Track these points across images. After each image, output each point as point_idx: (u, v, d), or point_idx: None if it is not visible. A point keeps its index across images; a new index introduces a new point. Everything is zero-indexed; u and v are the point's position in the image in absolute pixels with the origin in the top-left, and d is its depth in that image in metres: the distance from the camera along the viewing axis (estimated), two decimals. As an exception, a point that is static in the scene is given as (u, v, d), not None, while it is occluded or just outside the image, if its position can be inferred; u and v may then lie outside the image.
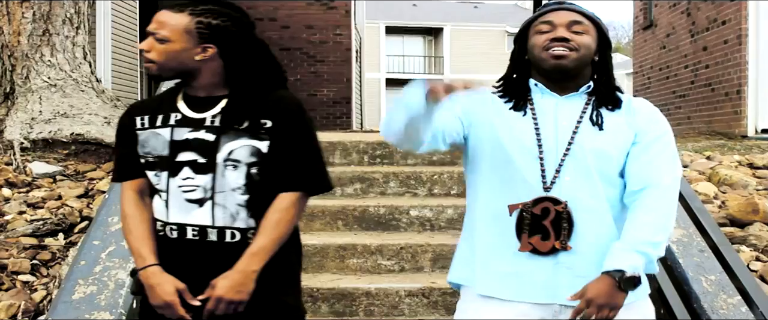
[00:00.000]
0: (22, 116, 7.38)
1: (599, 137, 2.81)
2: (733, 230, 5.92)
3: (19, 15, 7.78)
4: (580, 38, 2.84)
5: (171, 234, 2.87)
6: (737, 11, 12.92)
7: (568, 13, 2.89)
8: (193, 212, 2.85)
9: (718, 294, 4.54)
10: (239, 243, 2.85)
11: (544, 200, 2.79)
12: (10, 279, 4.96)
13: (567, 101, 2.89)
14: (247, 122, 2.86)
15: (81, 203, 5.97)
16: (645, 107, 2.95)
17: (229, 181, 2.84)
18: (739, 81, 12.89)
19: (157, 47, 2.85)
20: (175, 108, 2.93)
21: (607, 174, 2.82)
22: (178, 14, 2.87)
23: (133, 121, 2.97)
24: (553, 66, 2.83)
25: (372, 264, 5.43)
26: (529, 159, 2.82)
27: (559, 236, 2.76)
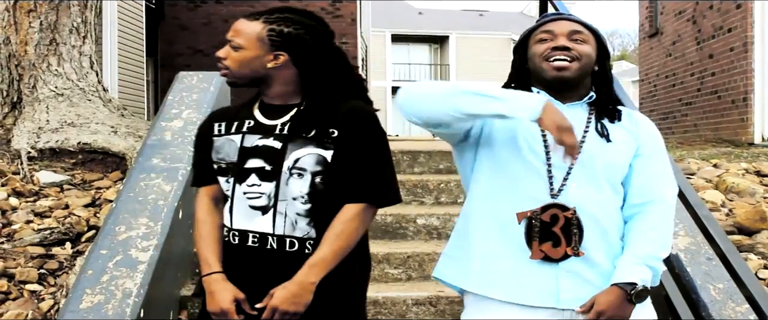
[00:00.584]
0: (30, 125, 7.39)
1: (608, 149, 2.83)
2: (741, 238, 5.91)
3: (26, 25, 7.80)
4: (580, 47, 2.85)
5: (233, 240, 2.90)
6: (743, 18, 12.92)
7: (568, 22, 2.90)
8: (255, 220, 2.87)
9: (727, 303, 4.53)
10: (297, 253, 2.86)
11: (552, 207, 2.79)
12: (18, 288, 4.96)
13: (570, 109, 2.89)
14: (314, 131, 2.88)
15: (88, 213, 5.98)
16: (644, 120, 2.99)
17: (292, 189, 2.85)
18: (745, 88, 12.89)
19: (232, 55, 2.90)
20: (250, 115, 2.98)
21: (614, 184, 2.85)
22: (252, 22, 2.93)
23: (211, 127, 3.04)
24: (555, 77, 2.84)
25: (379, 273, 5.42)
26: (537, 166, 2.82)
27: (570, 243, 2.76)
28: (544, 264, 2.80)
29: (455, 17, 57.53)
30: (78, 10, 8.04)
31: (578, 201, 2.79)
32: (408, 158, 7.13)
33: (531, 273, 2.81)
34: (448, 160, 7.11)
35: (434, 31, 54.62)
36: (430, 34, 54.81)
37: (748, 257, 5.61)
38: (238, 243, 2.89)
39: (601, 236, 2.81)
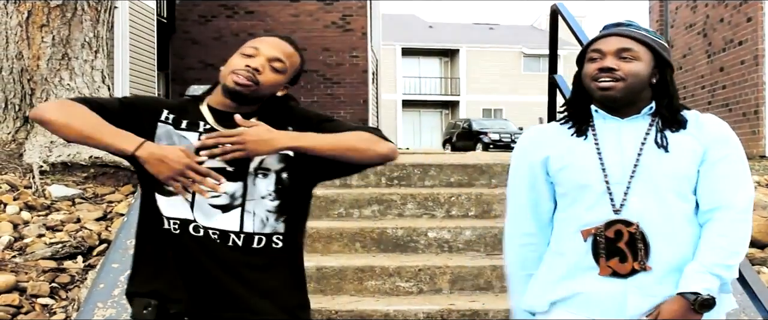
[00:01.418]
0: (42, 139, 7.42)
1: (667, 159, 2.80)
2: (754, 251, 5.89)
3: (39, 39, 7.83)
4: (628, 66, 2.81)
5: (196, 232, 2.87)
6: (754, 31, 12.91)
7: (618, 39, 2.87)
8: (216, 217, 2.87)
9: (739, 316, 4.52)
10: (264, 248, 2.90)
11: (616, 223, 2.78)
12: (30, 302, 4.97)
13: (630, 123, 2.87)
14: None
15: (100, 226, 5.99)
16: (713, 123, 2.93)
17: (260, 189, 2.89)
18: (756, 101, 12.86)
19: (268, 74, 2.90)
20: (200, 116, 2.97)
21: (682, 193, 2.81)
22: (295, 51, 3.01)
23: (158, 110, 2.98)
24: (601, 97, 2.84)
25: (390, 286, 5.42)
26: (596, 184, 2.82)
27: (636, 258, 2.76)
28: (612, 281, 2.78)
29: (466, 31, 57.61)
30: (90, 24, 8.08)
31: (641, 215, 2.77)
32: (419, 171, 7.13)
33: (599, 291, 2.80)
34: (458, 173, 7.11)
35: (445, 45, 54.72)
36: (440, 48, 54.93)
37: (760, 270, 5.59)
38: (202, 235, 2.87)
39: (668, 248, 2.78)
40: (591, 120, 2.93)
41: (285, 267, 2.96)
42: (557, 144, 2.95)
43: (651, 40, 2.90)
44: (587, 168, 2.85)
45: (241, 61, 2.90)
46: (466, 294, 5.41)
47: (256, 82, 2.88)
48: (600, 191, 2.81)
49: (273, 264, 2.93)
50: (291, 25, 19.59)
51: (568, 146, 2.92)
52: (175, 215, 2.89)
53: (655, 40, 2.91)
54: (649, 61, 2.87)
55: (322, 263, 5.47)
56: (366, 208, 6.57)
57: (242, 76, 2.86)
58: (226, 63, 2.97)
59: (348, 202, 6.53)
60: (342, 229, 6.01)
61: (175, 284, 2.89)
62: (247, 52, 2.92)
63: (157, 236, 2.92)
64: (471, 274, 5.47)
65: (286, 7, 20.09)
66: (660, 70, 2.90)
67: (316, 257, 5.72)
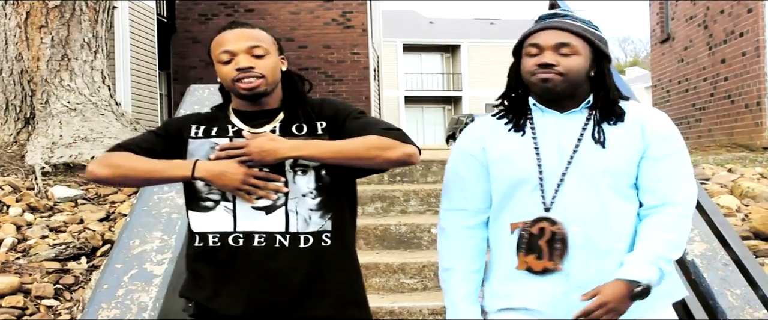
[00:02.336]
0: (43, 140, 7.42)
1: (604, 155, 2.78)
2: (757, 243, 5.88)
3: (38, 40, 7.84)
4: (567, 61, 2.79)
5: (235, 243, 2.87)
6: (755, 23, 12.89)
7: (555, 33, 2.83)
8: (259, 219, 2.87)
9: (744, 308, 4.51)
10: (312, 248, 2.88)
11: (542, 220, 2.77)
12: (34, 303, 4.97)
13: (568, 117, 2.85)
14: (305, 127, 2.94)
15: (103, 227, 5.99)
16: (656, 118, 2.89)
17: (300, 186, 2.87)
18: (758, 93, 12.85)
19: (259, 63, 2.91)
20: (229, 122, 2.98)
21: (618, 189, 2.79)
22: (255, 30, 3.00)
23: (188, 127, 3.00)
24: (542, 89, 2.80)
25: (395, 283, 5.42)
26: (530, 179, 2.81)
27: (551, 257, 2.75)
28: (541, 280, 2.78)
29: (467, 26, 57.57)
30: (89, 25, 8.08)
31: (574, 214, 2.76)
32: (421, 167, 7.13)
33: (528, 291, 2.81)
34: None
35: (446, 40, 54.68)
36: (441, 43, 54.88)
37: (764, 262, 5.58)
38: (241, 244, 2.87)
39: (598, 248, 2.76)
40: (528, 114, 2.91)
41: (336, 266, 2.93)
42: (495, 137, 2.93)
43: (589, 33, 2.86)
44: (525, 162, 2.82)
45: (228, 69, 2.91)
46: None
47: (259, 75, 2.89)
48: (532, 184, 2.80)
49: (322, 263, 2.90)
50: (291, 23, 19.59)
51: (507, 140, 2.89)
52: (214, 229, 2.90)
53: (593, 33, 2.88)
54: (588, 54, 2.84)
55: (325, 260, 5.47)
56: (369, 205, 6.57)
57: (247, 81, 2.88)
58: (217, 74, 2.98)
59: (351, 199, 6.52)
60: (345, 226, 6.00)
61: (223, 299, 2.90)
62: (223, 58, 2.92)
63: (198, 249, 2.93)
64: (475, 270, 5.46)
65: (285, 5, 20.08)
66: (597, 62, 2.87)
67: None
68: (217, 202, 2.90)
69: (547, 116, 2.87)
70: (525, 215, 2.81)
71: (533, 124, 2.88)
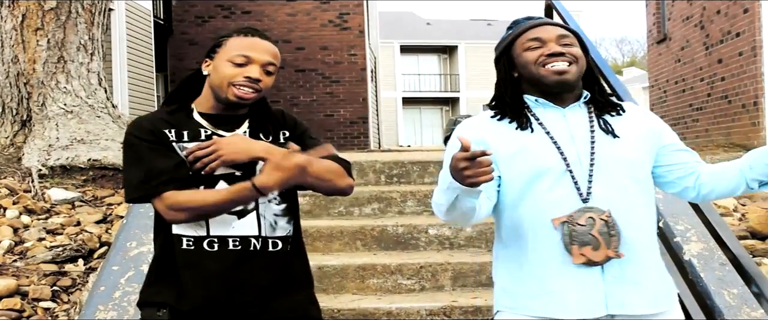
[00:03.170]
0: (40, 142, 7.42)
1: (619, 145, 2.81)
2: (755, 242, 5.88)
3: (34, 43, 7.83)
4: (573, 50, 2.83)
5: (210, 247, 2.87)
6: (751, 23, 12.90)
7: (552, 27, 2.89)
8: (233, 224, 2.88)
9: (742, 307, 4.51)
10: (280, 252, 2.93)
11: (587, 211, 2.76)
12: (32, 306, 4.97)
13: (572, 111, 2.87)
14: (271, 135, 2.98)
15: (100, 229, 5.98)
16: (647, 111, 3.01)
17: None
18: (755, 92, 12.86)
19: (265, 79, 2.92)
20: (198, 124, 2.96)
21: (637, 179, 2.82)
22: (275, 46, 3.00)
23: (161, 134, 2.93)
24: (556, 82, 2.81)
25: (392, 284, 5.42)
26: (559, 174, 2.79)
27: (609, 245, 2.74)
28: (590, 272, 2.76)
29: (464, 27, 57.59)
30: (85, 27, 8.07)
31: (608, 203, 2.76)
32: (418, 168, 7.13)
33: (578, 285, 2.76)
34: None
35: (443, 42, 54.71)
36: (438, 45, 54.91)
37: (761, 261, 5.59)
38: (217, 249, 2.87)
39: (634, 235, 2.77)
40: (529, 111, 2.90)
41: (298, 269, 3.03)
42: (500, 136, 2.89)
43: (575, 28, 2.96)
44: (545, 155, 2.80)
45: (235, 71, 2.88)
46: (468, 290, 5.40)
47: (259, 90, 2.90)
48: (562, 177, 2.78)
49: (286, 266, 2.96)
50: (288, 25, 19.60)
51: (515, 135, 2.87)
52: (188, 233, 2.89)
53: (577, 30, 2.98)
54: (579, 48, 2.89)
55: (323, 262, 5.47)
56: (366, 206, 6.57)
57: (245, 90, 2.87)
58: (214, 69, 2.93)
59: (348, 200, 6.52)
60: (342, 228, 6.00)
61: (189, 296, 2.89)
62: (238, 60, 2.89)
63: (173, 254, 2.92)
64: (472, 270, 5.46)
65: (282, 7, 20.09)
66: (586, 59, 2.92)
67: (318, 256, 5.71)
68: None
69: (549, 111, 2.88)
70: (562, 208, 2.77)
71: (539, 119, 2.88)
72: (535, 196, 2.82)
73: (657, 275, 2.84)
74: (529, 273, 2.85)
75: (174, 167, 2.89)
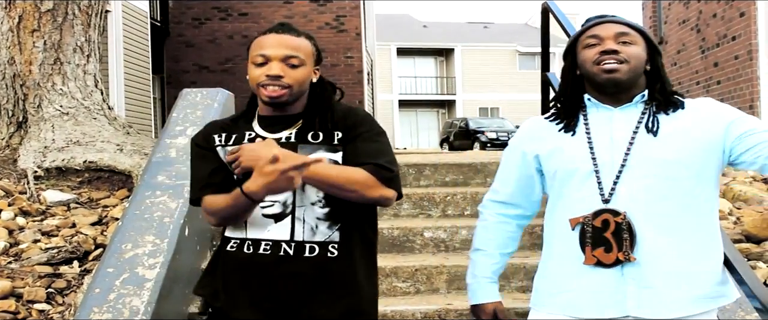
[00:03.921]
0: (36, 144, 7.41)
1: (656, 145, 2.79)
2: (749, 246, 5.89)
3: (30, 44, 7.82)
4: (629, 49, 2.84)
5: (247, 250, 2.90)
6: (747, 27, 12.92)
7: (613, 25, 2.90)
8: (269, 228, 2.89)
9: (736, 311, 4.51)
10: (318, 257, 2.88)
11: (604, 213, 2.77)
12: (26, 308, 4.96)
13: (622, 112, 2.88)
14: (321, 136, 2.93)
15: (95, 231, 5.98)
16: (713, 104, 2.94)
17: (309, 195, 2.89)
18: (751, 96, 12.87)
19: (291, 73, 2.89)
20: (249, 128, 2.99)
21: (675, 178, 2.77)
22: (299, 38, 2.97)
23: (211, 139, 3.02)
24: (606, 80, 2.83)
25: (387, 287, 5.41)
26: (586, 174, 2.82)
27: (621, 248, 2.74)
28: (607, 273, 2.77)
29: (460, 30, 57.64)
30: (81, 29, 8.07)
31: (631, 205, 2.76)
32: (414, 171, 7.13)
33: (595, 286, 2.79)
34: (454, 173, 7.11)
35: (439, 44, 54.74)
36: (435, 47, 54.94)
37: (756, 265, 5.59)
38: (251, 252, 2.89)
39: (660, 238, 2.75)
40: (582, 111, 2.94)
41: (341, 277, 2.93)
42: (547, 136, 2.98)
43: (641, 27, 2.94)
44: (577, 154, 2.85)
45: (259, 72, 2.88)
46: (464, 293, 5.39)
47: (286, 85, 2.87)
48: (588, 178, 2.81)
49: (326, 273, 2.90)
50: (285, 27, 19.60)
51: (558, 136, 2.94)
52: (234, 235, 2.94)
53: (644, 28, 2.96)
54: (644, 46, 2.91)
55: (318, 264, 5.46)
56: (362, 209, 6.56)
57: (270, 89, 2.86)
58: (248, 77, 2.95)
59: (343, 203, 6.52)
60: (338, 230, 6.00)
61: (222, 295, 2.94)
62: (257, 61, 2.89)
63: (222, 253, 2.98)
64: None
65: (279, 9, 20.10)
66: (652, 57, 2.93)
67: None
68: None
69: (600, 111, 2.91)
70: (583, 209, 2.81)
71: (587, 120, 2.91)
72: (565, 196, 2.88)
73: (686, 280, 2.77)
74: (552, 271, 2.94)
75: (210, 174, 2.95)
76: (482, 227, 3.19)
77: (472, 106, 52.27)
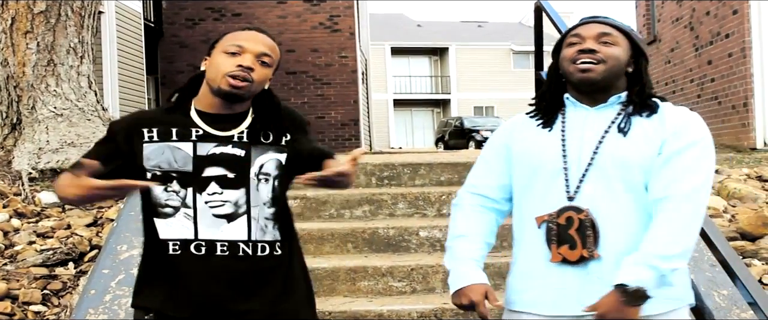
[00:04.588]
0: (30, 146, 7.40)
1: (621, 145, 2.79)
2: (744, 243, 5.89)
3: (24, 46, 7.82)
4: (608, 49, 2.83)
5: (198, 251, 2.86)
6: (740, 24, 12.93)
7: (597, 25, 2.90)
8: (222, 228, 2.86)
9: (731, 309, 4.52)
10: (268, 257, 2.92)
11: (568, 210, 2.78)
12: (22, 309, 4.96)
13: (597, 112, 2.88)
14: (271, 136, 2.95)
15: (90, 232, 5.97)
16: (679, 113, 2.88)
17: (262, 195, 2.90)
18: (745, 94, 12.88)
19: (259, 70, 2.89)
20: (191, 123, 2.93)
21: (630, 182, 2.78)
22: (274, 43, 3.00)
23: (139, 132, 2.92)
24: (580, 79, 2.83)
25: (383, 286, 5.42)
26: (554, 172, 2.83)
27: (585, 245, 2.75)
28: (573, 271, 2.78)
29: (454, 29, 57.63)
30: (74, 30, 8.06)
31: (593, 202, 2.77)
32: (409, 170, 7.13)
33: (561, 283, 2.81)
34: (449, 172, 7.12)
35: (434, 43, 54.72)
36: (429, 46, 54.92)
37: (751, 262, 5.60)
38: (204, 253, 2.86)
39: (620, 237, 2.76)
40: (562, 110, 2.95)
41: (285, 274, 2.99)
42: (524, 131, 2.99)
43: (628, 28, 2.93)
44: (545, 151, 2.86)
45: (229, 61, 2.86)
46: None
47: (251, 80, 2.86)
48: (557, 175, 2.82)
49: (275, 271, 2.95)
50: (278, 27, 19.57)
51: (534, 133, 2.95)
52: (174, 237, 2.87)
53: (632, 30, 2.94)
54: (627, 48, 2.90)
55: (314, 264, 5.46)
56: (357, 208, 6.57)
57: (238, 79, 2.84)
58: (210, 63, 2.93)
59: (339, 203, 6.53)
60: (333, 230, 6.00)
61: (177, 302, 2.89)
62: (231, 50, 2.87)
63: (159, 258, 2.91)
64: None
65: (273, 9, 20.09)
66: (635, 60, 2.91)
67: (308, 258, 5.67)
68: (176, 208, 2.87)
69: (578, 110, 2.91)
70: (548, 206, 2.82)
71: (564, 118, 2.92)
72: (532, 193, 2.89)
73: None
74: (521, 269, 2.94)
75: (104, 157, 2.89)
76: (462, 216, 3.06)
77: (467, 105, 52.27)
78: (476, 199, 3.06)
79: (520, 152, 2.94)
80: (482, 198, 3.05)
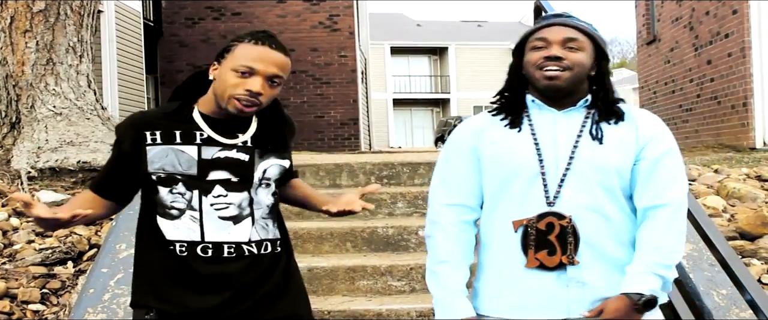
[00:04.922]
0: (29, 145, 7.39)
1: (599, 151, 2.78)
2: (744, 243, 5.89)
3: (23, 45, 7.81)
4: (574, 56, 2.81)
5: (205, 253, 2.86)
6: (740, 24, 12.93)
7: (563, 29, 2.86)
8: (229, 230, 2.88)
9: (731, 308, 4.52)
10: (270, 253, 2.98)
11: (549, 215, 2.77)
12: (21, 308, 4.96)
13: (565, 116, 2.86)
14: (275, 143, 3.01)
15: (89, 231, 5.97)
16: (651, 120, 2.90)
17: (262, 198, 2.95)
18: (744, 93, 12.89)
19: (269, 92, 2.87)
20: (194, 126, 2.92)
21: (609, 188, 2.78)
22: (287, 57, 2.95)
23: (140, 135, 2.90)
24: (547, 86, 2.81)
25: (382, 285, 5.41)
26: (532, 176, 2.80)
27: (565, 251, 2.75)
28: (551, 276, 2.77)
29: (454, 28, 57.61)
30: (74, 29, 8.05)
31: (573, 208, 2.76)
32: (408, 170, 7.13)
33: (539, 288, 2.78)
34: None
35: (433, 43, 54.70)
36: (429, 46, 54.89)
37: (750, 262, 5.59)
38: (211, 255, 2.86)
39: (600, 242, 2.77)
40: (525, 111, 2.92)
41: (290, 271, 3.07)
42: (491, 132, 2.92)
43: (592, 31, 2.90)
44: (521, 156, 2.82)
45: (238, 83, 2.81)
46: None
47: (259, 104, 2.85)
48: (533, 180, 2.80)
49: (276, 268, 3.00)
50: (278, 26, 19.57)
51: (502, 134, 2.89)
52: (181, 238, 2.87)
53: (596, 32, 2.91)
54: (591, 52, 2.87)
55: (313, 263, 5.46)
56: (356, 207, 6.55)
57: (243, 104, 2.82)
58: (219, 75, 2.88)
59: (338, 202, 6.51)
60: (332, 229, 6.00)
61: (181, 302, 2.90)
62: (241, 70, 2.81)
63: (165, 258, 2.90)
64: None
65: (272, 8, 20.08)
66: (598, 63, 2.89)
67: (307, 257, 5.71)
68: (182, 210, 2.87)
69: (544, 113, 2.88)
70: (526, 211, 2.80)
71: (531, 120, 2.89)
72: (507, 197, 2.85)
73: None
74: (492, 274, 2.90)
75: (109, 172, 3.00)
76: (443, 237, 2.94)
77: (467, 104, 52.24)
78: (454, 212, 2.95)
79: (491, 155, 2.88)
80: (460, 209, 2.95)
